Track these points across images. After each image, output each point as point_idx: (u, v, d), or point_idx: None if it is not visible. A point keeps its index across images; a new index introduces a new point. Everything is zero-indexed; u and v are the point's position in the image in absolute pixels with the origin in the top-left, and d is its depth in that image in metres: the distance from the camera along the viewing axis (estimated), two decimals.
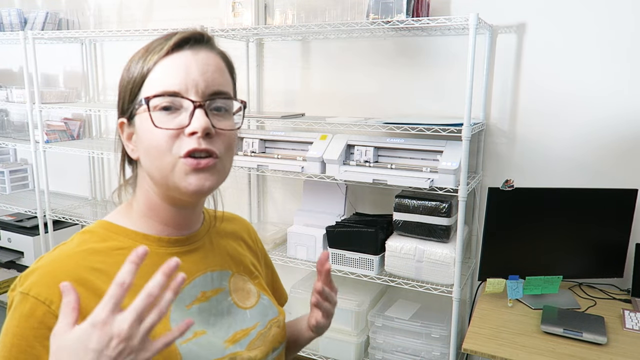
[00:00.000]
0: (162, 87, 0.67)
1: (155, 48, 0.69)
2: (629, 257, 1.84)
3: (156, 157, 0.67)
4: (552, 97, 1.97)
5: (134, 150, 0.72)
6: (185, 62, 0.68)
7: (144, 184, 0.74)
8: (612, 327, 1.62)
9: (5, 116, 3.05)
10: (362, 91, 2.29)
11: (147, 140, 0.68)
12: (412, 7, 1.85)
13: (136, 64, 0.70)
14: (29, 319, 0.62)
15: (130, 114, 0.71)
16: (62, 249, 0.70)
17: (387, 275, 1.99)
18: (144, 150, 0.69)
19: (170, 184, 0.69)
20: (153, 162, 0.68)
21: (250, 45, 2.47)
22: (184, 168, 0.67)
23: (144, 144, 0.69)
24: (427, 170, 1.84)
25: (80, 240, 0.71)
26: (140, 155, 0.71)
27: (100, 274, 0.67)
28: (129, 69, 0.71)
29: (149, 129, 0.67)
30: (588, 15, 1.87)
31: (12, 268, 2.99)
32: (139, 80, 0.69)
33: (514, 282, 1.76)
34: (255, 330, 0.80)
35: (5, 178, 3.07)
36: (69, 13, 2.88)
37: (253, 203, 2.62)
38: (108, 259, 0.69)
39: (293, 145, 2.16)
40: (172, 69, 0.67)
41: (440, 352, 2.00)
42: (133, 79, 0.70)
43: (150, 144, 0.68)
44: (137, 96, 0.69)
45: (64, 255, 0.68)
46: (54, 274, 0.65)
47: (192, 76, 0.67)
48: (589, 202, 1.80)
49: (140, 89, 0.69)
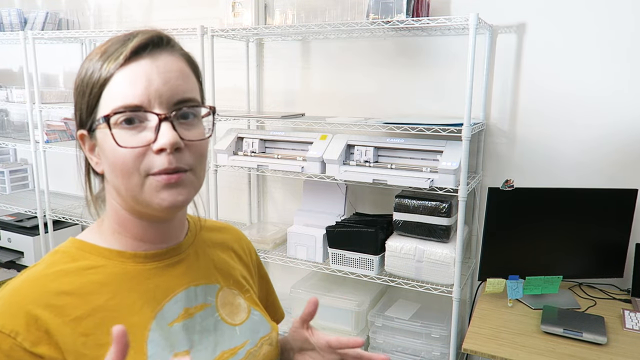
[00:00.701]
0: (122, 101, 0.61)
1: (112, 55, 0.63)
2: (629, 257, 1.84)
3: (123, 175, 0.63)
4: (552, 97, 1.97)
5: (98, 164, 0.67)
6: (145, 71, 0.62)
7: (111, 199, 0.69)
8: (612, 327, 1.62)
9: (5, 116, 3.04)
10: (362, 91, 2.29)
11: (112, 157, 0.63)
12: (412, 7, 1.85)
13: (91, 71, 0.64)
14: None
15: (90, 126, 0.65)
16: (29, 274, 0.65)
17: (387, 275, 1.99)
18: (109, 167, 0.64)
19: (140, 202, 0.64)
20: (120, 180, 0.63)
21: (250, 45, 2.47)
22: (155, 185, 0.63)
23: (108, 161, 0.64)
24: (427, 170, 1.84)
25: (49, 262, 0.67)
26: (105, 171, 0.66)
27: (69, 295, 0.63)
28: (83, 76, 0.65)
29: (112, 147, 0.62)
30: (588, 15, 1.87)
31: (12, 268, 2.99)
32: (96, 91, 0.63)
33: (514, 282, 1.76)
34: (244, 349, 0.74)
35: (5, 178, 3.07)
36: (69, 13, 2.88)
37: (253, 203, 2.62)
38: (78, 279, 0.65)
39: (293, 145, 2.16)
40: (132, 79, 0.61)
41: (440, 352, 2.00)
42: (89, 89, 0.64)
43: (115, 161, 0.62)
44: (95, 107, 0.64)
45: (30, 281, 0.64)
46: (19, 302, 0.61)
47: (154, 86, 0.62)
48: (589, 202, 1.80)
49: (99, 100, 0.63)
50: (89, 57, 0.66)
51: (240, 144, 2.24)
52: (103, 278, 0.66)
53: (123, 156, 0.61)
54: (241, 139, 2.24)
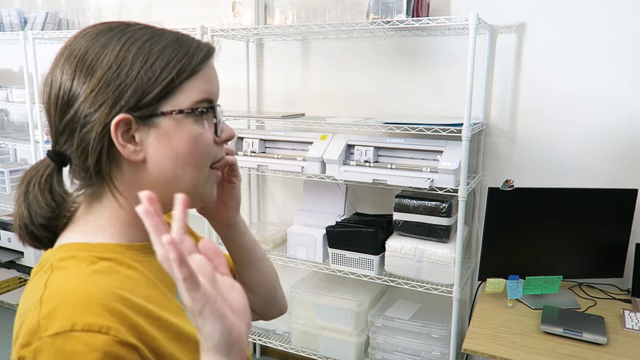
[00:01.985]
0: (207, 95, 0.64)
1: (196, 51, 0.64)
2: (629, 257, 1.84)
3: (196, 166, 0.64)
4: (552, 97, 1.97)
5: (136, 152, 0.62)
6: (215, 73, 0.68)
7: (135, 191, 0.63)
8: (612, 327, 1.62)
9: (5, 116, 3.05)
10: (362, 91, 2.29)
11: (188, 147, 0.62)
12: (412, 7, 1.85)
13: (166, 58, 0.62)
14: (88, 354, 0.52)
15: (151, 112, 0.61)
16: (68, 280, 0.58)
17: (387, 275, 1.99)
18: (176, 156, 0.62)
19: (197, 193, 0.66)
20: (189, 170, 0.63)
21: (250, 45, 2.47)
22: (214, 179, 0.67)
23: (180, 149, 0.62)
24: (427, 170, 1.84)
25: (74, 269, 0.59)
26: (159, 160, 0.63)
27: (125, 292, 0.59)
28: (147, 58, 0.61)
29: (193, 137, 0.63)
30: (588, 15, 1.87)
31: (12, 268, 2.99)
32: (179, 80, 0.62)
33: (514, 282, 1.76)
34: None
35: (5, 178, 3.07)
36: (69, 13, 2.88)
37: (253, 203, 2.62)
38: (118, 277, 0.61)
39: (293, 145, 2.16)
40: (210, 77, 0.66)
41: (440, 352, 2.00)
42: (167, 75, 0.61)
43: (193, 151, 0.63)
44: (169, 95, 0.62)
45: (84, 283, 0.58)
46: (92, 301, 0.55)
47: (218, 86, 0.68)
48: (589, 202, 1.80)
49: (177, 89, 0.62)
50: (136, 38, 0.62)
51: (240, 144, 2.24)
52: (133, 273, 0.63)
53: (205, 146, 0.64)
54: (241, 139, 2.24)
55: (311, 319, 2.23)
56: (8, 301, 3.09)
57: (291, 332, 2.33)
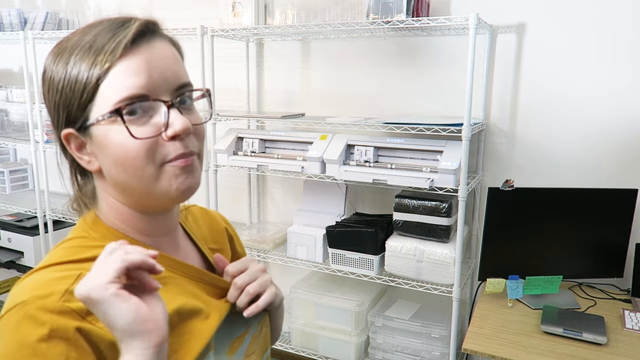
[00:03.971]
0: (127, 92, 0.58)
1: (105, 47, 0.59)
2: (629, 257, 1.84)
3: (136, 168, 0.60)
4: (552, 97, 1.97)
5: (90, 162, 0.63)
6: (147, 60, 0.60)
7: (108, 197, 0.66)
8: (612, 327, 1.62)
9: (5, 116, 3.05)
10: (362, 91, 2.29)
11: (120, 152, 0.60)
12: (412, 7, 1.85)
13: (78, 69, 0.60)
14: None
15: (82, 124, 0.61)
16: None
17: (387, 275, 1.99)
18: (114, 162, 0.61)
19: (155, 192, 0.62)
20: (130, 174, 0.61)
21: (250, 45, 2.47)
22: (172, 171, 0.62)
23: (113, 156, 0.61)
24: (427, 170, 1.84)
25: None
26: (106, 167, 0.63)
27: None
28: (66, 75, 0.60)
29: (121, 141, 0.59)
30: (588, 15, 1.87)
31: (12, 268, 2.99)
32: (91, 87, 0.59)
33: (514, 282, 1.76)
34: (250, 335, 0.74)
35: (5, 178, 3.06)
36: (69, 13, 2.88)
37: (253, 203, 2.62)
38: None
39: (293, 145, 2.16)
40: (134, 69, 0.59)
41: (440, 352, 2.00)
42: (80, 86, 0.60)
43: (125, 155, 0.60)
44: (89, 104, 0.60)
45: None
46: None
47: (157, 74, 0.60)
48: (589, 202, 1.80)
49: (94, 96, 0.59)
50: (63, 51, 0.62)
51: (240, 144, 2.24)
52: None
53: (136, 149, 0.59)
54: (241, 139, 2.24)
55: (311, 319, 2.23)
56: None
57: (291, 332, 2.33)
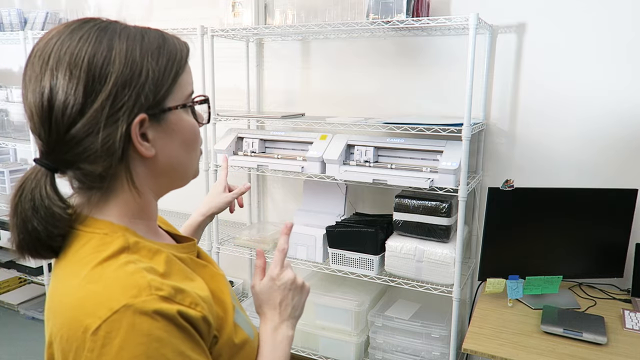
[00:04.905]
0: (191, 86, 0.72)
1: (179, 52, 0.69)
2: (629, 257, 1.84)
3: (195, 150, 0.74)
4: (552, 97, 1.97)
5: (149, 148, 0.65)
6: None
7: (143, 185, 0.68)
8: (612, 327, 1.62)
9: (5, 116, 3.04)
10: (362, 91, 2.29)
11: (192, 134, 0.72)
12: (412, 7, 1.85)
13: (160, 62, 0.65)
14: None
15: (160, 110, 0.65)
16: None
17: (387, 275, 1.99)
18: (184, 143, 0.71)
19: (191, 172, 0.75)
20: (192, 153, 0.73)
21: (250, 45, 2.47)
22: (199, 156, 0.77)
23: (185, 138, 0.71)
24: (427, 170, 1.84)
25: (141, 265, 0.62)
26: (170, 150, 0.68)
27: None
28: (155, 65, 0.64)
29: (193, 125, 0.72)
30: (588, 15, 1.87)
31: (12, 268, 2.99)
32: (172, 80, 0.67)
33: (514, 282, 1.76)
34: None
35: (5, 178, 3.06)
36: (69, 13, 2.88)
37: (253, 203, 2.62)
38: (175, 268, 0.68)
39: (293, 145, 2.16)
40: (190, 70, 0.73)
41: (440, 352, 2.00)
42: (164, 78, 0.65)
43: (195, 137, 0.73)
44: (168, 94, 0.66)
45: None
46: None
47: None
48: (589, 202, 1.80)
49: (174, 85, 0.67)
50: (148, 49, 0.64)
51: (240, 144, 2.24)
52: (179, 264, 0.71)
53: (199, 133, 0.73)
54: (241, 139, 2.24)
55: (311, 319, 2.23)
56: (8, 301, 3.09)
57: None
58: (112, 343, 0.54)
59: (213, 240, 2.29)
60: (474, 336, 1.59)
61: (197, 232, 1.09)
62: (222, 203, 1.11)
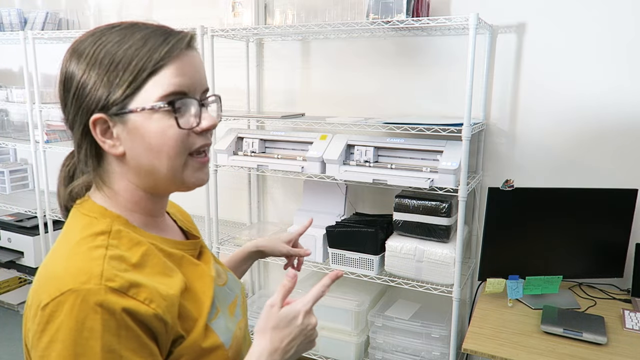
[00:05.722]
0: (171, 87, 0.66)
1: (161, 46, 0.67)
2: (629, 257, 1.84)
3: (170, 156, 0.68)
4: (552, 97, 1.97)
5: (114, 146, 0.68)
6: (192, 64, 0.70)
7: (122, 179, 0.71)
8: (612, 327, 1.62)
9: (5, 116, 3.05)
10: (362, 91, 2.29)
11: (159, 140, 0.67)
12: (412, 7, 1.85)
13: (131, 57, 0.66)
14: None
15: (119, 110, 0.66)
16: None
17: (387, 275, 1.99)
18: (149, 149, 0.67)
19: (176, 180, 0.71)
20: (163, 160, 0.68)
21: (250, 45, 2.47)
22: (195, 165, 0.71)
23: (150, 143, 0.67)
24: (427, 170, 1.84)
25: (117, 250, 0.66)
26: (135, 153, 0.68)
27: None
28: (117, 62, 0.66)
29: (162, 130, 0.67)
30: (588, 15, 1.87)
31: (12, 268, 2.99)
32: (143, 77, 0.66)
33: (514, 282, 1.76)
34: (240, 300, 0.87)
35: (5, 178, 3.07)
36: (69, 13, 2.88)
37: (253, 203, 2.62)
38: (154, 259, 0.69)
39: (293, 145, 2.16)
40: (184, 70, 0.68)
41: (440, 352, 2.00)
42: (131, 75, 0.65)
43: (164, 143, 0.67)
44: (135, 92, 0.66)
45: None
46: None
47: (197, 77, 0.70)
48: (589, 202, 1.80)
49: (142, 86, 0.66)
50: (106, 39, 0.67)
51: (240, 144, 2.24)
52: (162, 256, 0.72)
53: (175, 138, 0.68)
54: (241, 139, 2.24)
55: None
56: (8, 301, 3.09)
57: None
58: (54, 322, 0.59)
59: (213, 241, 2.29)
60: (474, 336, 1.59)
61: (245, 262, 1.11)
62: (278, 250, 1.11)
